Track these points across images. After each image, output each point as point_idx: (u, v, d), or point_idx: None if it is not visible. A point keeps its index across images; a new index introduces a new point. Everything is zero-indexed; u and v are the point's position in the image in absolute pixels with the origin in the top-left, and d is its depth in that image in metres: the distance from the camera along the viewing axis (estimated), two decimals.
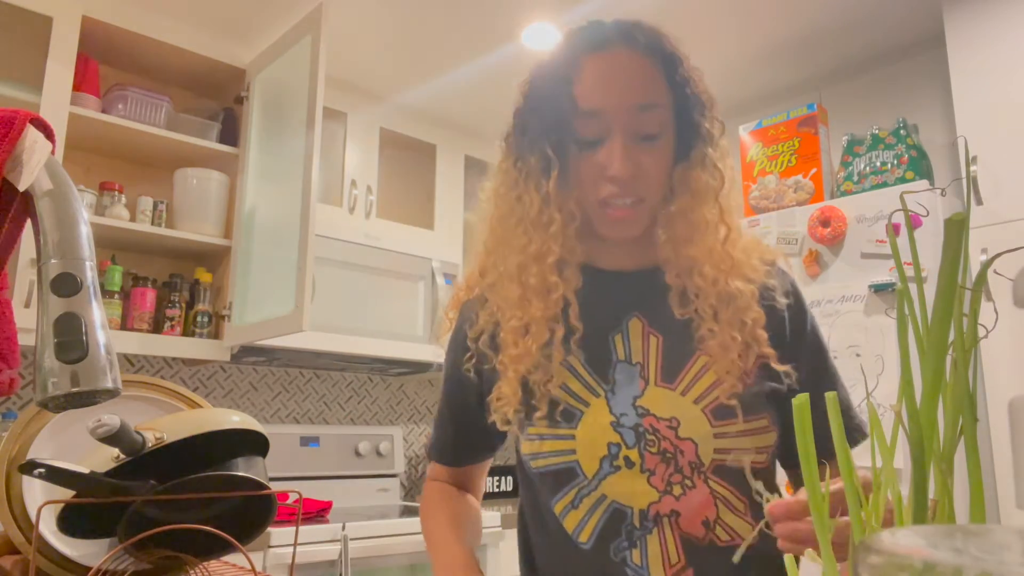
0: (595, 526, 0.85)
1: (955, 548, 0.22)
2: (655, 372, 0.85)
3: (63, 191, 0.63)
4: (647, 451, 0.83)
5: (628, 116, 0.81)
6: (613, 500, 0.84)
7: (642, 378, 0.85)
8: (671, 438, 0.82)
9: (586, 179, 0.84)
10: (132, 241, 2.29)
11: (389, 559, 2.13)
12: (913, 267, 0.35)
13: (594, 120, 0.81)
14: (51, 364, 0.56)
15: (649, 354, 0.86)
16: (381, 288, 2.56)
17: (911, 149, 2.29)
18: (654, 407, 0.84)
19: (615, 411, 0.85)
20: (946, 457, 0.34)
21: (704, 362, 0.85)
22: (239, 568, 0.89)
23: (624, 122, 0.81)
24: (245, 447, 0.78)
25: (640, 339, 0.87)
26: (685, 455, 0.82)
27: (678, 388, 0.84)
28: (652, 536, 0.82)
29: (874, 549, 0.22)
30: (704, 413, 0.83)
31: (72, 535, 0.73)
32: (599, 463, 0.84)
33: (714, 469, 0.82)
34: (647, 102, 0.81)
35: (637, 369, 0.86)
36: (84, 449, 0.73)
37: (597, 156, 0.82)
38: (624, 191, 0.82)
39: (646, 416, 0.84)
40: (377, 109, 2.76)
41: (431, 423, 3.08)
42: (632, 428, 0.83)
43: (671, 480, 0.82)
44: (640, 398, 0.85)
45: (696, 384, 0.84)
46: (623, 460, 0.83)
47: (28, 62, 2.06)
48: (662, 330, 0.87)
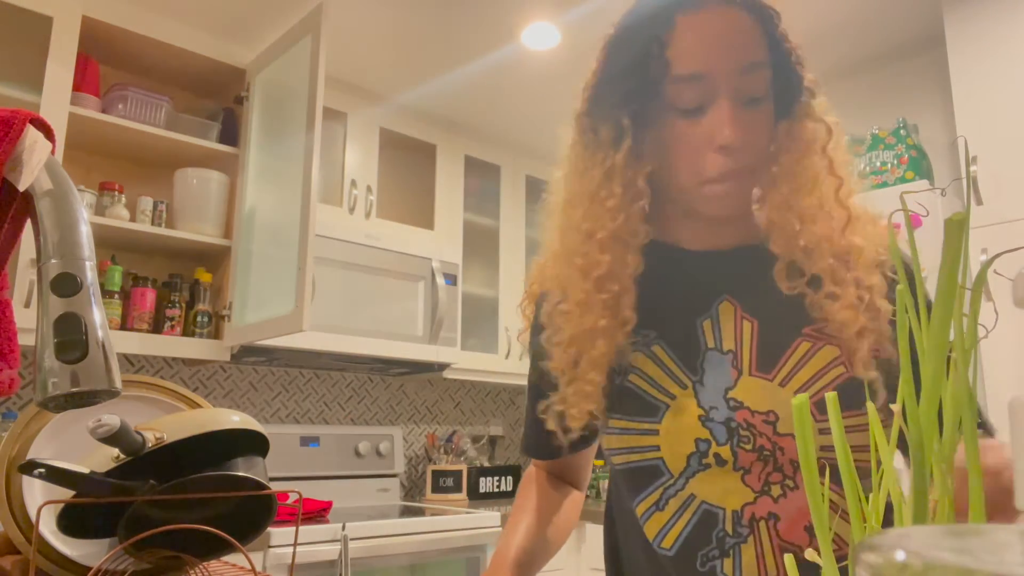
0: (681, 530, 0.77)
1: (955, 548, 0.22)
2: (749, 360, 0.77)
3: (63, 191, 0.63)
4: (741, 448, 0.74)
5: (735, 78, 0.73)
6: (703, 500, 0.76)
7: (735, 367, 0.77)
8: (768, 434, 0.74)
9: (687, 153, 0.75)
10: (132, 241, 2.29)
11: (389, 559, 2.13)
12: (913, 267, 0.35)
13: (695, 85, 0.73)
14: (51, 364, 0.56)
15: (743, 340, 0.78)
16: (381, 288, 2.56)
17: (911, 149, 2.29)
18: (749, 399, 0.75)
19: (704, 404, 0.77)
20: (946, 457, 0.34)
21: (807, 348, 0.76)
22: (239, 568, 0.89)
23: (732, 85, 0.73)
24: (245, 447, 0.78)
25: (733, 324, 0.79)
26: (786, 453, 0.74)
27: (776, 378, 0.76)
28: (747, 545, 0.74)
29: (874, 549, 0.22)
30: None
31: (72, 535, 0.73)
32: (686, 460, 0.76)
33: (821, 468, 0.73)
34: (753, 61, 0.74)
35: (729, 358, 0.78)
36: (84, 449, 0.73)
37: (701, 125, 0.74)
38: (735, 162, 0.74)
39: (739, 409, 0.75)
40: (377, 109, 2.76)
41: (431, 423, 3.09)
42: (723, 423, 0.76)
43: (769, 480, 0.74)
44: (732, 389, 0.76)
45: (798, 373, 0.75)
46: (713, 457, 0.75)
47: (28, 62, 2.06)
48: (757, 314, 0.78)
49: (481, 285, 3.02)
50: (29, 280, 1.93)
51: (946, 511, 0.34)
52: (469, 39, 2.44)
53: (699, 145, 0.75)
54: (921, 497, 0.33)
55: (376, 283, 2.55)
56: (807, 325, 0.77)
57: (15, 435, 0.82)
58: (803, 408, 0.37)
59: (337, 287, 2.44)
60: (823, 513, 0.37)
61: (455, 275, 2.77)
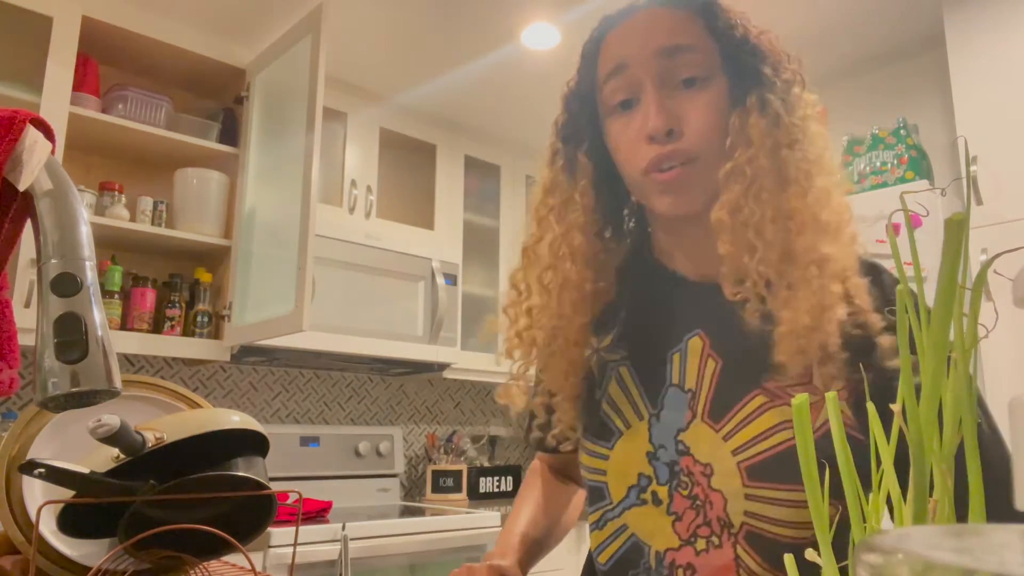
0: (615, 552, 0.79)
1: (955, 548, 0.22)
2: (704, 405, 0.74)
3: (63, 191, 0.63)
4: (678, 492, 0.74)
5: (654, 61, 0.72)
6: (634, 533, 0.77)
7: (690, 409, 0.75)
8: (704, 485, 0.72)
9: (625, 149, 0.75)
10: (132, 241, 2.29)
11: (389, 559, 2.13)
12: (913, 267, 0.35)
13: (619, 78, 0.74)
14: (51, 364, 0.56)
15: (703, 382, 0.75)
16: (381, 288, 2.56)
17: (911, 149, 2.29)
18: (694, 446, 0.74)
19: (655, 440, 0.76)
20: (946, 457, 0.34)
21: (759, 404, 0.71)
22: (239, 568, 0.89)
23: (652, 69, 0.72)
24: (245, 447, 0.78)
25: (698, 361, 0.76)
26: (714, 508, 0.72)
27: (722, 430, 0.73)
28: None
29: (874, 549, 0.22)
30: (739, 468, 0.71)
31: (72, 535, 0.73)
32: (626, 491, 0.77)
33: (746, 535, 0.70)
34: (673, 44, 0.72)
35: (687, 397, 0.75)
36: (84, 449, 0.73)
37: (633, 117, 0.74)
38: (666, 150, 0.71)
39: (685, 455, 0.74)
40: (377, 109, 2.76)
41: (431, 423, 3.09)
42: (668, 464, 0.75)
43: (697, 532, 0.73)
44: (684, 432, 0.75)
45: (743, 430, 0.72)
46: (651, 495, 0.76)
47: (28, 62, 2.06)
48: (723, 353, 0.75)
49: (481, 285, 3.02)
50: (29, 280, 1.93)
51: (946, 511, 0.34)
52: (469, 39, 2.44)
53: (632, 138, 0.74)
54: (921, 497, 0.33)
55: (376, 283, 2.55)
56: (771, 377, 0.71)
57: (15, 435, 0.81)
58: (803, 408, 0.37)
59: (337, 287, 2.44)
60: (823, 514, 0.37)
61: (455, 275, 2.77)
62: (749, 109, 0.72)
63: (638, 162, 0.74)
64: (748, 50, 0.74)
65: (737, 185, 0.71)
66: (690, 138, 0.72)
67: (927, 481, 0.34)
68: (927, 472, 0.34)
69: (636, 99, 0.74)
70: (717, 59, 0.74)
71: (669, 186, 0.73)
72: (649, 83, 0.73)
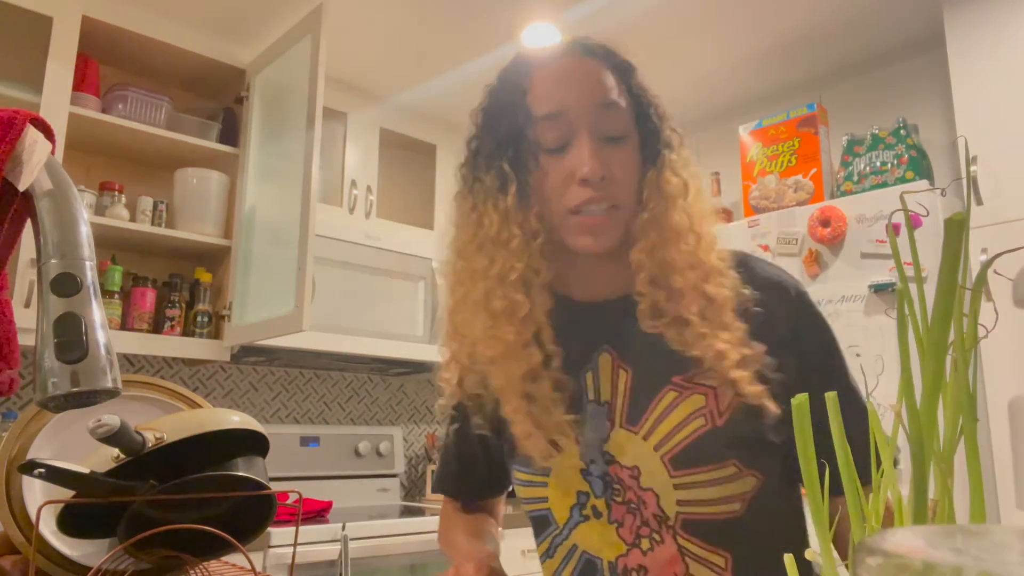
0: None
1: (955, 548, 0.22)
2: (621, 412, 0.80)
3: (63, 191, 0.63)
4: (613, 501, 0.79)
5: (591, 115, 0.78)
6: (584, 550, 0.81)
7: (609, 420, 0.80)
8: (635, 488, 0.78)
9: (554, 188, 0.79)
10: (132, 241, 2.30)
11: (389, 559, 2.13)
12: (913, 267, 0.35)
13: (556, 123, 0.79)
14: (51, 364, 0.56)
15: (617, 392, 0.81)
16: (381, 288, 2.56)
17: (911, 149, 2.29)
18: (619, 454, 0.79)
19: (585, 457, 0.80)
20: (946, 457, 0.34)
21: (672, 399, 0.78)
22: (239, 568, 0.89)
23: (588, 121, 0.78)
24: (245, 447, 0.78)
25: (609, 375, 0.82)
26: (648, 507, 0.77)
27: (641, 431, 0.78)
28: None
29: (874, 549, 0.22)
30: (663, 462, 0.76)
31: (72, 535, 0.73)
32: (569, 511, 0.81)
33: (682, 524, 0.76)
34: (608, 100, 0.79)
35: (605, 409, 0.81)
36: (84, 449, 0.73)
37: (564, 160, 0.79)
38: (597, 194, 0.77)
39: (612, 464, 0.79)
40: (377, 109, 2.76)
41: (431, 423, 3.09)
42: (600, 477, 0.79)
43: (639, 533, 0.78)
44: (607, 442, 0.80)
45: (659, 427, 0.78)
46: (591, 509, 0.80)
47: (28, 62, 2.06)
48: (632, 363, 0.81)
49: None
50: (29, 280, 1.93)
51: (946, 511, 0.34)
52: (469, 39, 2.44)
53: (564, 179, 0.79)
54: (921, 497, 0.33)
55: (376, 283, 2.55)
56: (678, 373, 0.78)
57: (15, 435, 0.81)
58: (803, 408, 0.37)
59: (337, 287, 2.44)
60: (823, 515, 0.37)
61: None
62: (660, 167, 0.82)
63: (567, 201, 0.79)
64: (653, 112, 0.83)
65: (654, 233, 0.80)
66: (616, 187, 0.79)
67: (927, 481, 0.34)
68: (927, 472, 0.34)
69: (568, 144, 0.79)
70: (632, 119, 0.82)
71: (593, 229, 0.79)
72: (585, 132, 0.78)
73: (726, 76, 2.69)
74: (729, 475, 0.76)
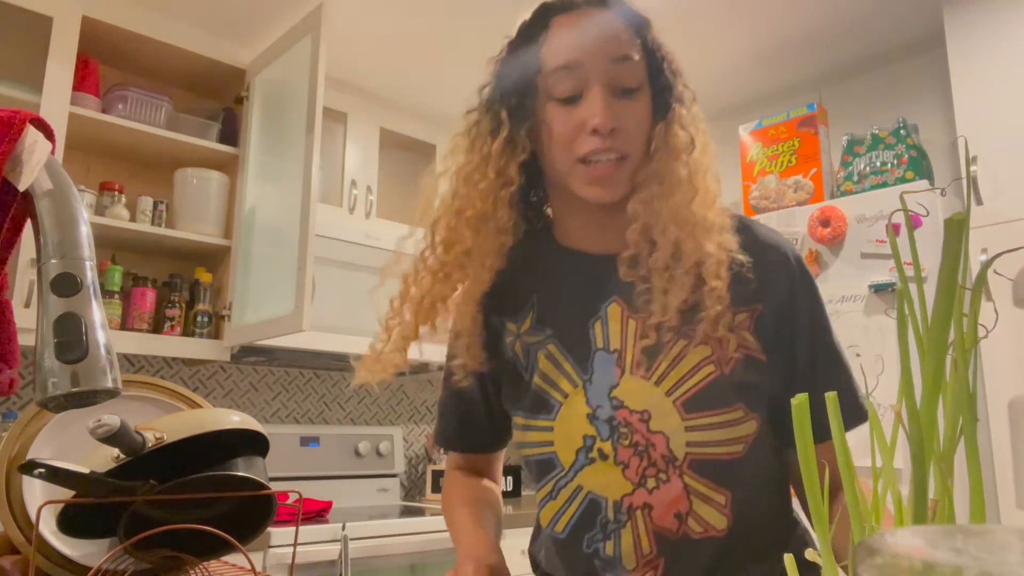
0: (571, 518, 0.86)
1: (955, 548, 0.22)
2: (632, 360, 0.83)
3: (63, 191, 0.63)
4: (620, 444, 0.82)
5: (605, 67, 0.80)
6: (589, 491, 0.84)
7: (619, 367, 0.84)
8: (643, 431, 0.82)
9: (562, 136, 0.82)
10: (132, 241, 2.29)
11: (389, 559, 2.13)
12: (913, 267, 0.35)
13: (570, 74, 0.81)
14: (51, 364, 0.56)
15: (627, 340, 0.84)
16: (381, 288, 2.56)
17: (911, 149, 2.30)
18: (628, 399, 0.83)
19: (592, 402, 0.84)
20: (946, 457, 0.34)
21: (681, 347, 0.81)
22: (239, 568, 0.89)
23: (602, 73, 0.80)
24: (245, 447, 0.78)
25: (619, 324, 0.85)
26: (657, 448, 0.81)
27: (653, 377, 0.82)
28: (626, 530, 0.82)
29: (874, 549, 0.22)
30: (676, 406, 0.81)
31: (72, 535, 0.73)
32: (575, 455, 0.85)
33: (689, 463, 0.81)
34: (623, 54, 0.81)
35: (615, 357, 0.84)
36: (84, 449, 0.73)
37: (576, 111, 0.81)
38: (606, 145, 0.80)
39: (620, 408, 0.83)
40: (377, 109, 2.76)
41: (431, 423, 3.09)
42: (607, 421, 0.83)
43: (645, 473, 0.82)
44: (616, 388, 0.83)
45: (672, 372, 0.82)
46: (597, 452, 0.84)
47: (28, 62, 2.06)
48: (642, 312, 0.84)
49: None
50: (29, 280, 1.93)
51: (946, 511, 0.34)
52: (469, 39, 2.44)
53: (573, 128, 0.81)
54: (921, 497, 0.33)
55: (376, 283, 2.55)
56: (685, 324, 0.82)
57: (15, 435, 0.82)
58: (802, 408, 0.37)
59: (337, 287, 2.44)
60: (823, 515, 0.37)
61: None
62: (670, 121, 0.84)
63: (576, 149, 0.82)
64: (667, 66, 0.85)
65: (655, 184, 0.83)
66: (625, 138, 0.81)
67: (927, 481, 0.34)
68: (927, 472, 0.34)
69: (580, 95, 0.81)
70: (645, 73, 0.84)
71: (600, 179, 0.82)
72: (598, 85, 0.80)
73: (726, 76, 2.69)
74: (736, 418, 0.81)
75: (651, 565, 0.81)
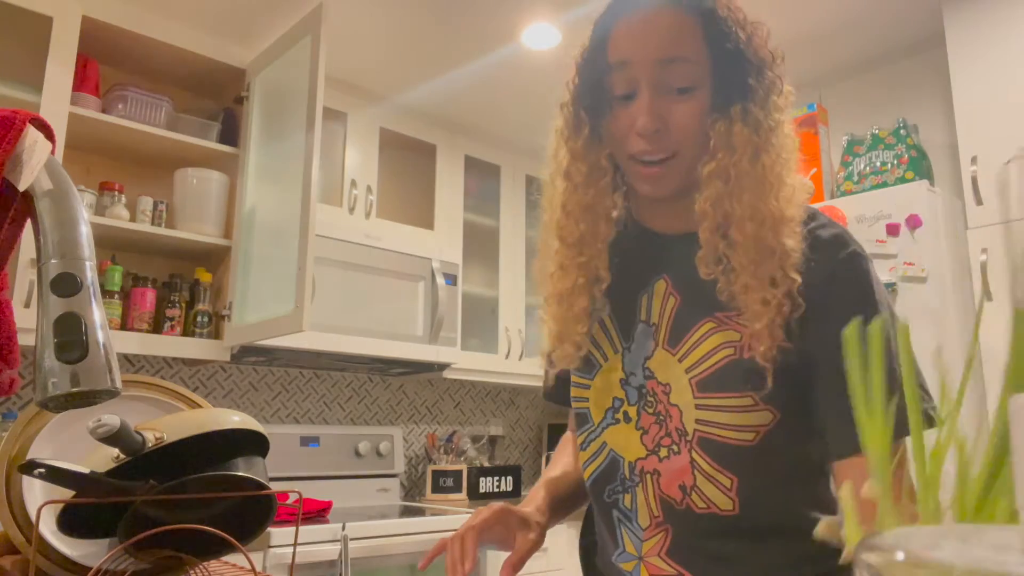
0: (597, 468, 0.92)
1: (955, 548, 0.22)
2: (664, 335, 0.87)
3: (63, 191, 0.63)
4: (644, 411, 0.88)
5: (653, 68, 0.80)
6: (612, 448, 0.90)
7: (654, 340, 0.88)
8: (664, 402, 0.86)
9: (618, 134, 0.84)
10: (132, 241, 2.30)
11: (389, 559, 2.13)
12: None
13: (623, 73, 0.82)
14: (51, 364, 0.56)
15: (664, 315, 0.88)
16: (381, 288, 2.56)
17: (911, 149, 2.30)
18: (657, 371, 0.87)
19: (627, 369, 0.90)
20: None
21: (708, 328, 0.84)
22: (239, 568, 0.89)
23: (650, 74, 0.81)
24: (245, 447, 0.78)
25: (661, 300, 0.89)
26: (672, 420, 0.85)
27: (678, 353, 0.86)
28: (639, 489, 0.87)
29: (874, 549, 0.22)
30: (690, 383, 0.84)
31: (72, 535, 0.73)
32: (603, 413, 0.91)
33: (698, 441, 0.83)
34: (670, 56, 0.80)
35: (652, 330, 0.89)
36: (84, 449, 0.73)
37: (629, 110, 0.83)
38: (652, 146, 0.81)
39: (650, 379, 0.87)
40: (377, 109, 2.76)
41: (431, 423, 3.09)
42: (637, 388, 0.88)
43: (661, 442, 0.86)
44: (650, 359, 0.88)
45: (694, 351, 0.84)
46: (622, 414, 0.90)
47: (28, 62, 2.06)
48: (682, 292, 0.88)
49: (481, 285, 3.02)
50: (29, 280, 1.93)
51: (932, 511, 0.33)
52: (469, 39, 2.44)
53: (625, 127, 0.83)
54: (930, 496, 0.33)
55: (376, 283, 2.55)
56: (721, 310, 0.83)
57: (15, 435, 0.82)
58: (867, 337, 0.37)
59: (337, 287, 2.44)
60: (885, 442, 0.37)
61: (455, 275, 2.77)
62: (733, 118, 0.81)
63: (628, 148, 0.84)
64: (737, 61, 0.82)
65: (719, 182, 0.82)
66: (673, 137, 0.82)
67: (937, 480, 0.34)
68: (937, 470, 0.34)
69: (634, 93, 0.82)
70: (708, 68, 0.82)
71: (648, 178, 0.84)
72: (645, 86, 0.81)
73: None
74: (745, 405, 0.81)
75: (661, 528, 0.86)
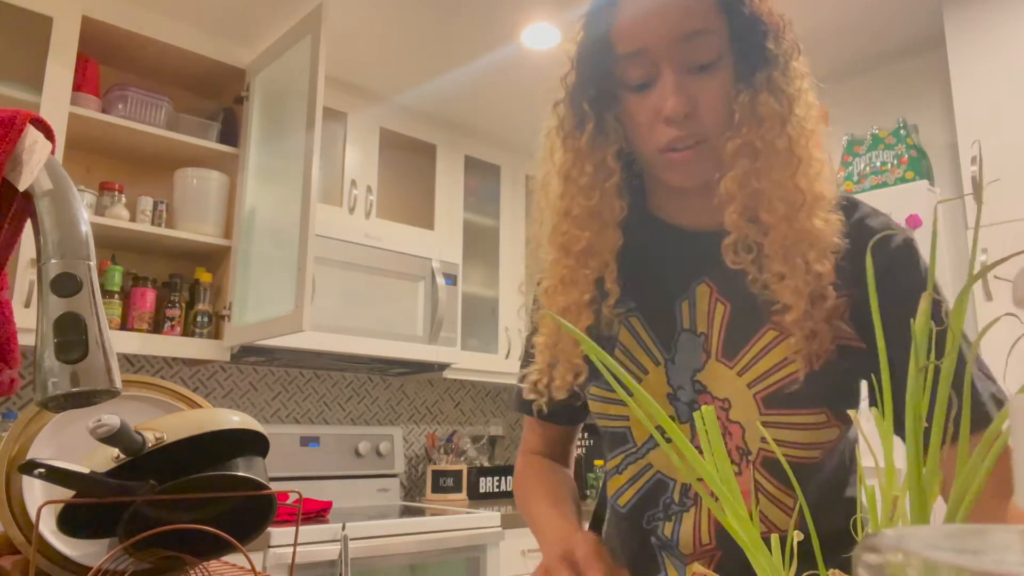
0: (635, 493, 0.84)
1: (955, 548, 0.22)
2: (717, 345, 0.79)
3: (63, 191, 0.63)
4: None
5: (674, 48, 0.73)
6: (659, 470, 0.82)
7: (704, 351, 0.80)
8: (723, 419, 0.78)
9: (641, 126, 0.77)
10: (132, 241, 2.30)
11: (389, 559, 2.13)
12: None
13: (638, 60, 0.75)
14: (51, 364, 0.56)
15: (714, 324, 0.80)
16: (381, 288, 2.56)
17: (911, 149, 2.30)
18: (711, 385, 0.79)
19: (673, 382, 0.81)
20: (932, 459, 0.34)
21: (771, 339, 0.76)
22: (239, 568, 0.89)
23: (671, 55, 0.73)
24: (245, 447, 0.78)
25: (707, 306, 0.81)
26: (733, 439, 0.78)
27: (736, 366, 0.78)
28: (688, 514, 0.80)
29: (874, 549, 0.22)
30: (755, 399, 0.77)
31: (72, 535, 0.73)
32: (649, 433, 0.82)
33: (762, 461, 0.77)
34: (692, 30, 0.73)
35: (701, 340, 0.80)
36: (84, 449, 0.73)
37: (649, 98, 0.75)
38: (682, 132, 0.74)
39: (703, 393, 0.80)
40: (377, 109, 2.76)
41: (431, 423, 3.09)
42: (687, 403, 0.80)
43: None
44: (700, 372, 0.80)
45: (756, 364, 0.77)
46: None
47: (28, 62, 2.06)
48: (731, 297, 0.80)
49: (481, 285, 3.02)
50: (29, 280, 1.93)
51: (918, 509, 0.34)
52: (469, 39, 2.44)
53: (649, 117, 0.76)
54: (921, 495, 0.33)
55: (376, 283, 2.55)
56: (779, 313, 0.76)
57: (15, 435, 0.81)
58: None
59: (337, 287, 2.44)
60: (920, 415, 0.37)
61: (455, 275, 2.77)
62: (758, 88, 0.75)
63: (655, 140, 0.76)
64: (754, 26, 0.75)
65: (746, 160, 0.75)
66: (703, 119, 0.75)
67: (931, 479, 0.34)
68: (920, 472, 0.34)
69: (653, 80, 0.76)
70: (726, 38, 0.75)
71: (678, 164, 0.77)
72: (668, 68, 0.74)
73: None
74: (818, 423, 0.76)
75: (707, 555, 0.79)
